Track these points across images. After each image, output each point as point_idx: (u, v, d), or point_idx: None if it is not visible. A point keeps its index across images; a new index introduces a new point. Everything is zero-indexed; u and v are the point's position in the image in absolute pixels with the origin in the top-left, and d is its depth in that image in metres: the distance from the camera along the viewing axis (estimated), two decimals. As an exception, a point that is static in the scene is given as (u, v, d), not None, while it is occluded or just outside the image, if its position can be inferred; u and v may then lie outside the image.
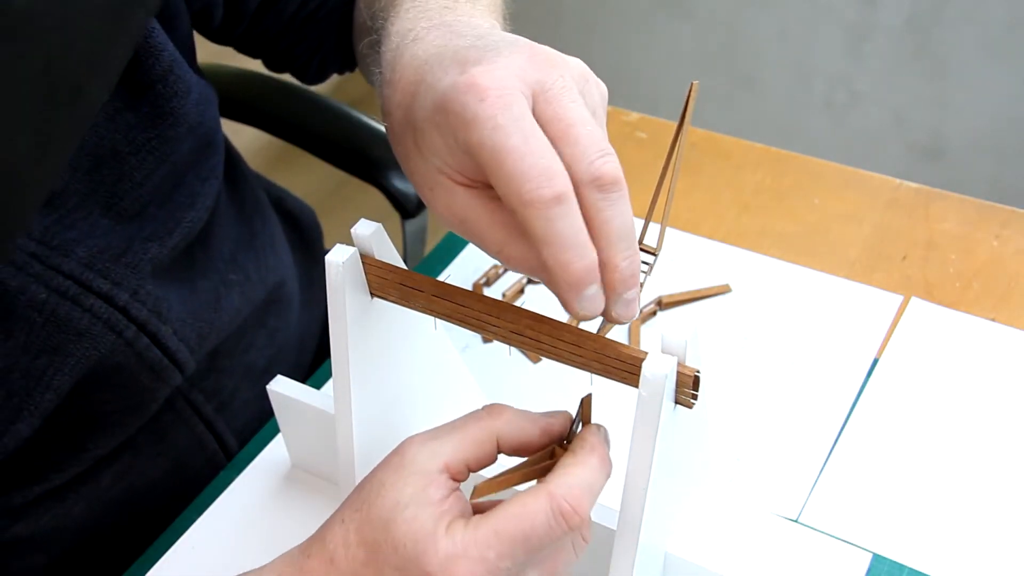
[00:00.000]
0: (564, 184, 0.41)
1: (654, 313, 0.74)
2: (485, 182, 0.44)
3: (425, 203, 0.48)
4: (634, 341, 0.72)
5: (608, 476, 0.46)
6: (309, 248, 0.89)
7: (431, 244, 0.86)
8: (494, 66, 0.43)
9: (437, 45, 0.48)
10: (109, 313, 0.60)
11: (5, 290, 0.55)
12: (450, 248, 0.84)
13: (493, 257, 0.46)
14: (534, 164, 0.41)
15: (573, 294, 0.42)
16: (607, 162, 0.42)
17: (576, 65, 0.46)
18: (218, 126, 0.69)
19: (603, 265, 0.42)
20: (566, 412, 0.48)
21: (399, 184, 1.00)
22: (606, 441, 0.47)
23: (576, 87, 0.45)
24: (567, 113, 0.43)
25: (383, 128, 0.99)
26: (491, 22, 0.56)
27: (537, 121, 0.42)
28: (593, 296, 0.42)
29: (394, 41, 0.53)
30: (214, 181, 0.68)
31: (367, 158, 1.01)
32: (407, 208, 0.99)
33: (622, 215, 0.42)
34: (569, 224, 0.41)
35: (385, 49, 0.54)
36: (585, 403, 0.47)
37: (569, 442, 0.48)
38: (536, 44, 0.46)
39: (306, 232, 0.90)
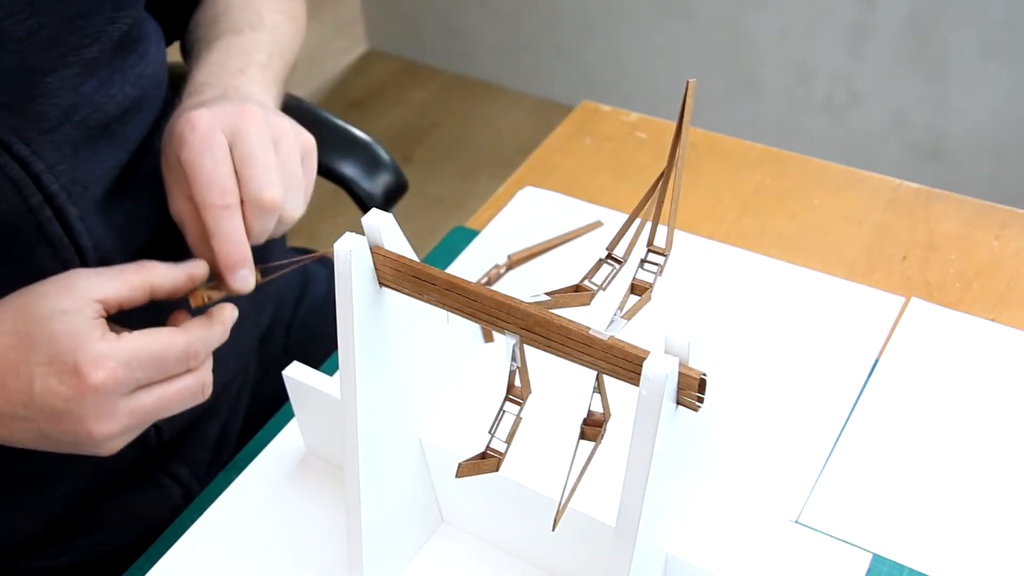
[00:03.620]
0: (233, 198, 0.60)
1: (500, 276, 0.77)
2: None
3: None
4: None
5: (223, 341, 0.61)
6: None
7: (430, 245, 0.86)
8: (209, 108, 0.61)
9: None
10: (20, 176, 0.62)
11: None
12: (451, 248, 0.84)
13: (192, 248, 0.63)
14: (216, 181, 0.59)
15: (230, 272, 0.60)
16: (267, 190, 0.60)
17: (278, 122, 0.64)
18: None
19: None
20: (202, 261, 0.62)
21: (365, 185, 1.01)
22: (232, 318, 0.61)
23: (268, 135, 0.62)
24: (251, 149, 0.61)
25: (356, 131, 1.02)
26: (266, 93, 0.71)
27: (232, 155, 0.60)
28: (246, 276, 0.61)
29: (188, 90, 0.69)
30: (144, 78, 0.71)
31: (330, 158, 1.01)
32: (370, 207, 0.98)
33: (268, 224, 0.62)
34: (232, 225, 0.60)
35: (184, 93, 0.69)
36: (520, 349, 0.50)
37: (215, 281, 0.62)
38: (253, 104, 0.63)
39: None
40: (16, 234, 0.63)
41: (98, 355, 0.53)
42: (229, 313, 0.62)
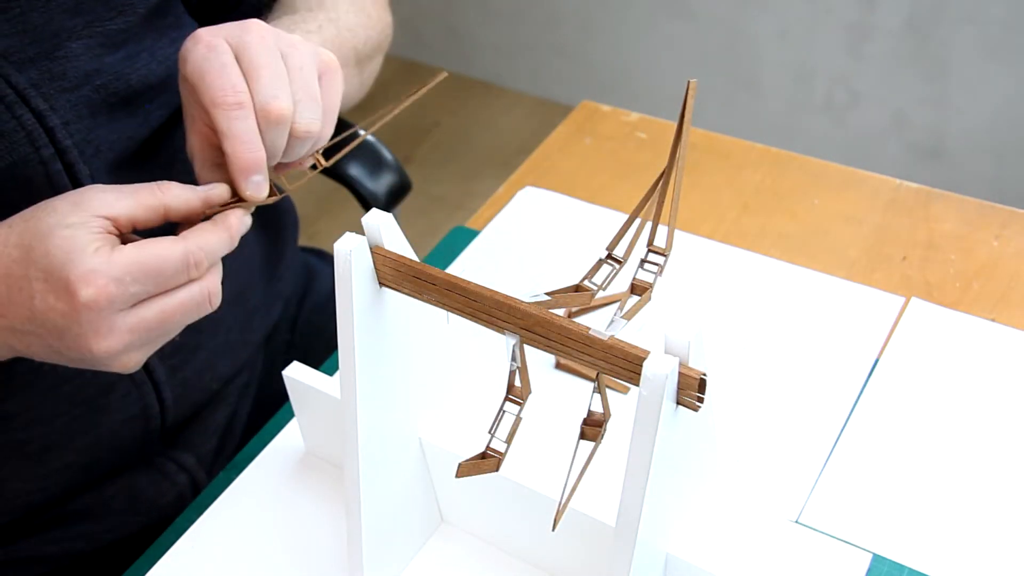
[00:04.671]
0: (244, 96, 0.56)
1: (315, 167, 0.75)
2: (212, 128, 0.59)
3: None
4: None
5: (231, 249, 0.57)
6: (277, 225, 0.89)
7: (430, 245, 0.86)
8: (213, 27, 0.59)
9: None
10: (34, 127, 0.63)
11: None
12: (451, 248, 0.84)
13: (198, 174, 0.60)
14: (224, 83, 0.56)
15: (243, 178, 0.56)
16: (274, 101, 0.57)
17: (288, 38, 0.61)
18: None
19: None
20: (223, 184, 0.58)
21: (369, 184, 1.01)
22: (242, 226, 0.58)
23: (275, 47, 0.59)
24: (256, 59, 0.58)
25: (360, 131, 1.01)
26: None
27: (240, 66, 0.58)
28: (259, 183, 0.57)
29: None
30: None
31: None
32: (373, 207, 0.98)
33: (278, 138, 0.58)
34: (246, 125, 0.56)
35: None
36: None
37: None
38: (257, 21, 0.61)
39: (279, 213, 0.90)
40: (26, 184, 0.64)
41: (88, 271, 0.52)
42: (236, 220, 0.58)
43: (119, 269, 0.52)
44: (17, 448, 0.70)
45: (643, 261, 0.48)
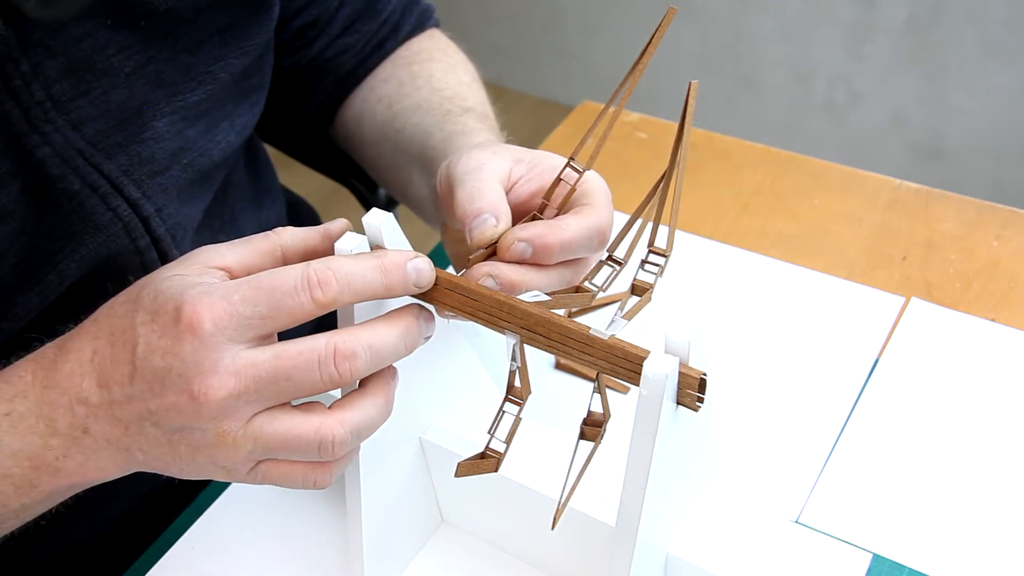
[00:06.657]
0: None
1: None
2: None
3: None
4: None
5: (370, 286, 0.48)
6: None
7: (430, 245, 0.86)
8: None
9: None
10: (131, 218, 0.63)
11: (47, 176, 0.59)
12: (450, 248, 0.84)
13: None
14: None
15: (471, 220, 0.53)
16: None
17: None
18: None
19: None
20: (342, 219, 0.52)
21: (369, 184, 1.01)
22: (393, 263, 0.48)
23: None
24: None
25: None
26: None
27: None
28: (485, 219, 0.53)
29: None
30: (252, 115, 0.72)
31: (336, 159, 1.01)
32: (374, 206, 0.99)
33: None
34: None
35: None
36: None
37: None
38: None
39: (306, 220, 0.91)
40: (120, 274, 0.63)
41: (197, 295, 0.46)
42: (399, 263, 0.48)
43: (227, 290, 0.46)
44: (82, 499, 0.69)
45: (644, 262, 0.48)
